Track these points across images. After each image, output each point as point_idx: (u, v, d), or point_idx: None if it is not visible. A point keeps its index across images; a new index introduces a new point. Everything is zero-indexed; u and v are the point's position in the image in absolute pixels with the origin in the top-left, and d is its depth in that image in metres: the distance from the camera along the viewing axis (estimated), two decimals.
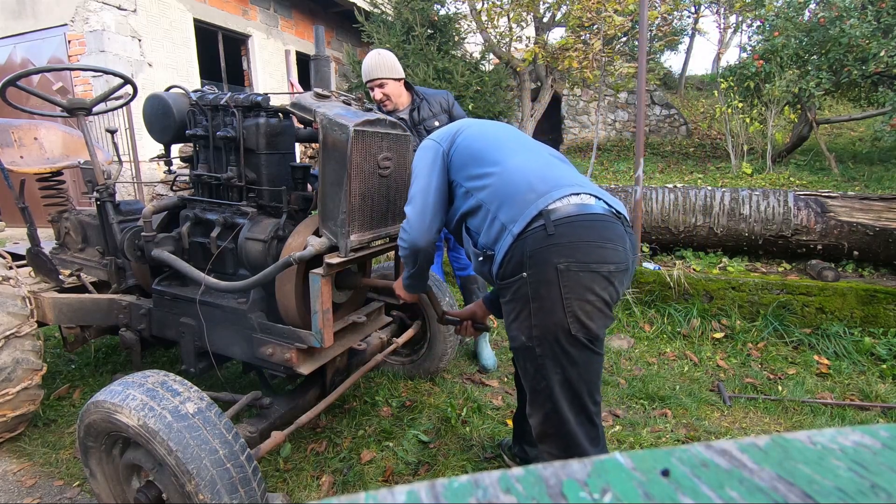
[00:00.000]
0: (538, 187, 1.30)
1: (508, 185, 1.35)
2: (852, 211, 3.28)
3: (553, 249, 1.22)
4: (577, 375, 1.27)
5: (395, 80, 2.48)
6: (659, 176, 6.99)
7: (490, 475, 0.27)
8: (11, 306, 2.06)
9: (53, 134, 2.68)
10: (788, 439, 0.30)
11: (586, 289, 1.21)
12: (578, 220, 1.25)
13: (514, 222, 1.29)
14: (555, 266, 1.21)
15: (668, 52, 14.32)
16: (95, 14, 6.07)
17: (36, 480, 1.94)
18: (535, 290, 1.24)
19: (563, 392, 1.28)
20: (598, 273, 1.22)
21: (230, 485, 1.25)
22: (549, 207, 1.26)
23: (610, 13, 6.33)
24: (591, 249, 1.22)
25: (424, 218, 1.49)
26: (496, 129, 1.57)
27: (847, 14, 5.75)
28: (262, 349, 1.73)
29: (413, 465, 2.01)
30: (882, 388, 2.52)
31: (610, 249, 1.25)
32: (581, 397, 1.29)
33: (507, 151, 1.45)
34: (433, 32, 8.15)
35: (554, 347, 1.24)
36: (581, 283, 1.21)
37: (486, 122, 1.61)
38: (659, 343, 3.12)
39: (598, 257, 1.22)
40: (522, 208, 1.29)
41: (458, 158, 1.50)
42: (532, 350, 1.28)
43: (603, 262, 1.23)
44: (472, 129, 1.54)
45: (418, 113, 2.55)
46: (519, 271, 1.27)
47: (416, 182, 1.52)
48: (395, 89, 2.50)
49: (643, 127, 3.56)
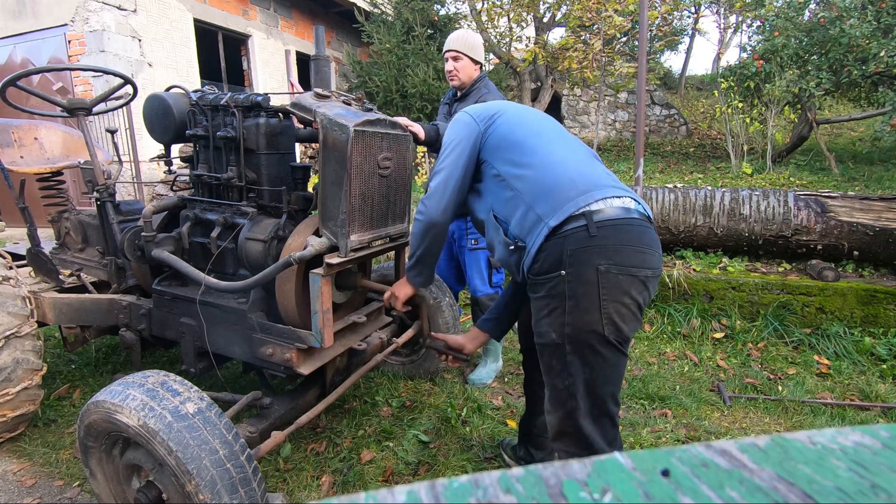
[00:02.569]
0: (579, 184, 1.29)
1: (548, 178, 1.33)
2: (852, 211, 3.28)
3: (595, 251, 1.22)
4: (604, 376, 1.27)
5: (470, 58, 2.47)
6: (659, 176, 6.99)
7: (490, 475, 0.27)
8: (11, 306, 2.06)
9: (53, 134, 2.68)
10: (788, 439, 0.30)
11: (624, 292, 1.22)
12: (621, 223, 1.25)
13: (552, 216, 1.27)
14: (596, 267, 1.21)
15: (668, 52, 14.33)
16: (95, 14, 6.07)
17: (36, 480, 1.94)
18: (573, 289, 1.24)
19: (588, 392, 1.28)
20: (637, 277, 1.23)
21: (230, 485, 1.25)
22: (591, 208, 1.26)
23: (610, 13, 6.33)
24: (632, 254, 1.23)
25: (446, 192, 1.47)
26: (537, 119, 1.53)
27: (847, 14, 5.75)
28: (262, 349, 1.73)
29: (413, 465, 2.01)
30: (882, 388, 2.52)
31: (648, 254, 1.26)
32: (605, 399, 1.29)
33: (548, 143, 1.43)
34: (433, 32, 8.16)
35: (584, 347, 1.25)
36: (620, 286, 1.22)
37: (526, 110, 1.57)
38: (659, 343, 3.12)
39: (639, 262, 1.23)
40: (562, 203, 1.28)
41: (493, 141, 1.47)
42: (562, 347, 1.27)
43: (642, 266, 1.24)
44: (512, 115, 1.50)
45: (460, 104, 2.51)
46: (557, 269, 1.26)
47: (447, 155, 1.49)
48: (467, 67, 2.48)
49: (643, 127, 3.56)
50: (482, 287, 2.56)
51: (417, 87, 7.57)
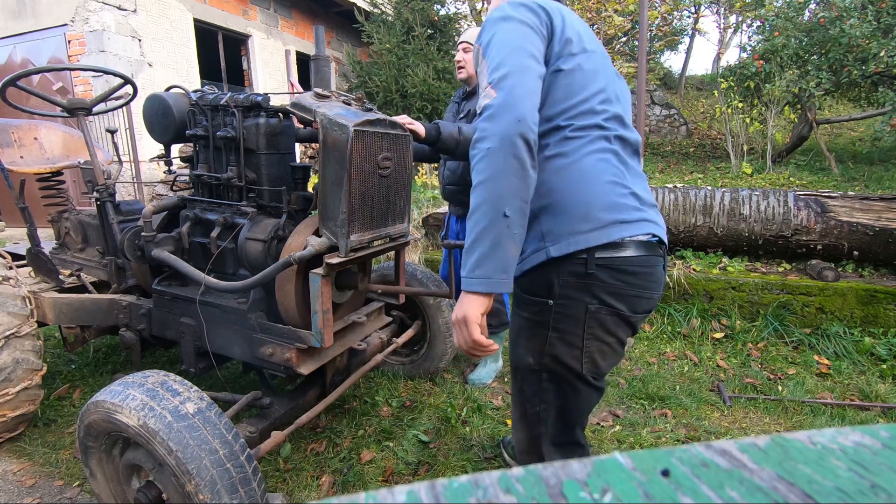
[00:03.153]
0: (596, 215, 1.07)
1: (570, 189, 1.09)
2: (852, 211, 3.28)
3: (588, 289, 1.10)
4: (577, 408, 1.23)
5: None
6: (659, 176, 6.99)
7: (490, 475, 0.27)
8: (11, 306, 2.06)
9: (53, 134, 2.68)
10: (788, 439, 0.30)
11: (609, 332, 1.14)
12: (627, 265, 1.10)
13: (556, 243, 1.09)
14: (586, 306, 1.11)
15: (668, 52, 14.33)
16: (95, 14, 6.07)
17: (36, 480, 1.94)
18: (558, 322, 1.14)
19: (558, 419, 1.24)
20: (627, 321, 1.14)
21: (230, 485, 1.25)
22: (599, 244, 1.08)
23: (610, 13, 6.33)
24: (628, 299, 1.12)
25: (524, 81, 1.02)
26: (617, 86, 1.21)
27: (847, 14, 5.76)
28: (262, 349, 1.73)
29: (413, 465, 2.01)
30: (882, 388, 2.52)
31: (646, 299, 1.15)
32: (573, 427, 1.26)
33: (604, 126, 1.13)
34: (433, 32, 8.16)
35: (561, 379, 1.18)
36: (606, 327, 1.13)
37: (605, 58, 1.21)
38: (659, 343, 3.12)
39: (633, 307, 1.13)
40: (571, 233, 1.08)
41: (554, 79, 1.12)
42: (538, 374, 1.20)
43: (635, 311, 1.14)
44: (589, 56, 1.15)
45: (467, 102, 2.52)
46: (545, 295, 1.14)
47: (500, 49, 1.06)
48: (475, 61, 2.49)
49: (643, 127, 3.56)
50: None
51: (417, 87, 7.57)
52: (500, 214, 0.98)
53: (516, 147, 0.97)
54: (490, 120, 1.00)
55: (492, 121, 1.00)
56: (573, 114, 1.12)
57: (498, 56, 1.05)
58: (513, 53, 1.04)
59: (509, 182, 0.98)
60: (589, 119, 1.12)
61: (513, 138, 0.97)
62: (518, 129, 0.98)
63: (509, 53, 1.05)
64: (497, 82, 1.02)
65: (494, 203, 0.98)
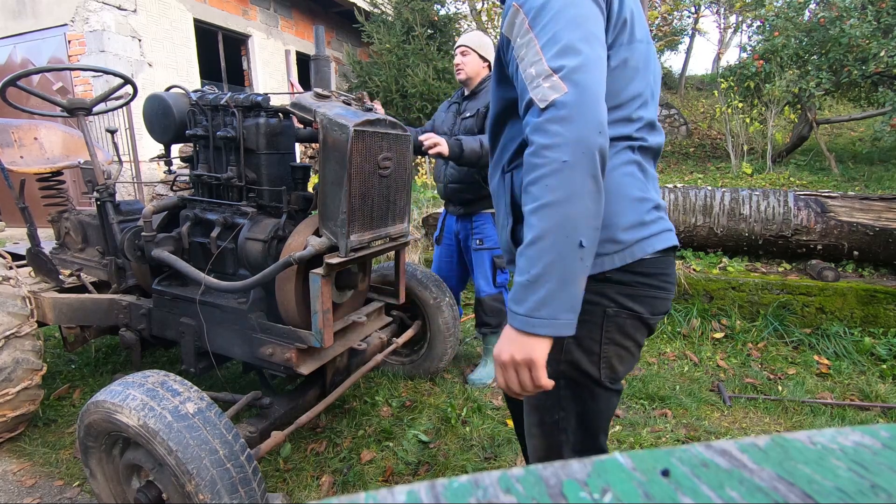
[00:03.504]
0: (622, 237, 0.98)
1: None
2: (852, 211, 3.28)
3: (607, 291, 1.01)
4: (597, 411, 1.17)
5: (478, 55, 2.54)
6: (659, 176, 6.99)
7: (490, 475, 0.27)
8: (11, 306, 2.06)
9: (53, 134, 2.68)
10: (788, 439, 0.30)
11: (628, 336, 1.07)
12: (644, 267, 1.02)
13: None
14: (604, 310, 1.03)
15: (668, 52, 14.32)
16: (95, 14, 6.07)
17: (36, 480, 1.94)
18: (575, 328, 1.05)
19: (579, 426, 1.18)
20: (646, 323, 1.07)
21: (230, 485, 1.25)
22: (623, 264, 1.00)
23: None
24: (647, 301, 1.04)
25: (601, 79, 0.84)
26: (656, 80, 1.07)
27: (847, 14, 5.75)
28: (262, 349, 1.73)
29: (413, 465, 2.01)
30: (882, 388, 2.52)
31: (662, 300, 1.07)
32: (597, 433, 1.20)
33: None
34: (433, 32, 8.16)
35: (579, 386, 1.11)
36: (625, 330, 1.06)
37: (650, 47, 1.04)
38: (659, 343, 3.12)
39: (651, 308, 1.05)
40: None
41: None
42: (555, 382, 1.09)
43: (653, 313, 1.06)
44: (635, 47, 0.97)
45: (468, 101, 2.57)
46: None
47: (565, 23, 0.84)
48: (474, 64, 2.54)
49: None
50: (486, 287, 2.57)
51: (417, 87, 7.57)
52: (574, 245, 0.81)
53: (595, 164, 0.80)
54: (564, 123, 0.80)
55: (566, 125, 0.79)
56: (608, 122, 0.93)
57: (564, 34, 0.83)
58: (586, 37, 0.84)
59: (585, 207, 0.81)
60: (622, 129, 0.98)
61: (593, 152, 0.80)
62: (599, 141, 0.80)
63: (581, 35, 0.83)
64: (568, 72, 0.81)
65: (568, 231, 0.81)
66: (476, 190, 2.49)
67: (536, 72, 0.84)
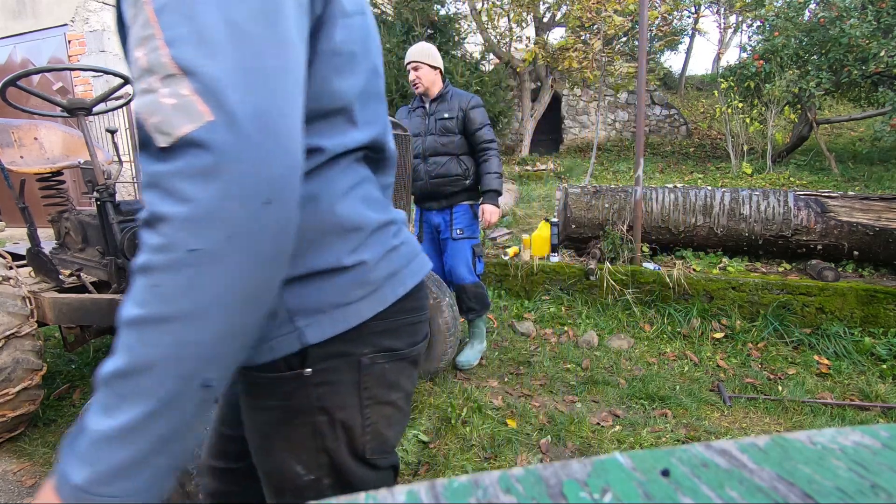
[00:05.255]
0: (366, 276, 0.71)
1: None
2: (852, 211, 3.28)
3: (357, 337, 0.71)
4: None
5: (429, 66, 2.71)
6: (659, 176, 7.00)
7: (490, 475, 0.27)
8: (11, 306, 2.06)
9: (53, 134, 2.68)
10: (788, 439, 0.30)
11: (392, 386, 0.77)
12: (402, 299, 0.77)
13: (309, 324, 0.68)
14: (357, 360, 0.72)
15: (668, 52, 14.33)
16: (95, 14, 6.07)
17: (36, 480, 1.94)
18: (322, 398, 0.72)
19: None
20: (408, 359, 0.78)
21: None
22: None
23: (610, 13, 6.33)
24: (406, 330, 0.77)
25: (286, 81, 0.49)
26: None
27: (847, 14, 5.76)
28: None
29: (413, 465, 2.01)
30: (882, 388, 2.52)
31: (422, 322, 0.81)
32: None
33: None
34: (433, 32, 8.16)
35: (349, 475, 0.75)
36: (387, 379, 0.76)
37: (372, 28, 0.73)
38: (659, 343, 3.12)
39: (412, 338, 0.78)
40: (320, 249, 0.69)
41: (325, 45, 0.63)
42: (317, 483, 0.74)
43: (415, 340, 0.78)
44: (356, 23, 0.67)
45: (436, 104, 2.74)
46: (297, 365, 0.69)
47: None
48: (429, 75, 2.71)
49: (643, 127, 3.57)
50: (468, 276, 2.72)
51: None
52: (194, 387, 0.49)
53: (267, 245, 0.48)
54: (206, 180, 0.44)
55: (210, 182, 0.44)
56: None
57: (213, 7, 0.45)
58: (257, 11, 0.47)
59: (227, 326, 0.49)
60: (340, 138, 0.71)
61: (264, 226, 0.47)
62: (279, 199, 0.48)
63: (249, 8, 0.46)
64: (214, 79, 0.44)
65: (189, 368, 0.48)
66: (457, 182, 2.67)
67: (146, 77, 0.46)
